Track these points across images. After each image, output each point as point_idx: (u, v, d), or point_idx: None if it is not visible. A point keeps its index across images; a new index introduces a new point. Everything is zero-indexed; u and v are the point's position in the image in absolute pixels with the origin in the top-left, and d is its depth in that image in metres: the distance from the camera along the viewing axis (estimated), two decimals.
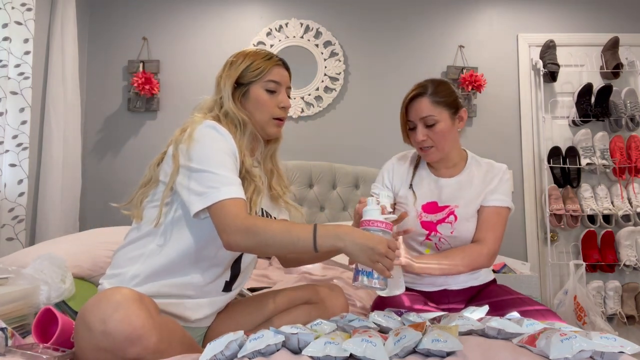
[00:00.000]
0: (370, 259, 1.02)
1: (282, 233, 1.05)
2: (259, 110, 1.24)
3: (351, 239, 1.03)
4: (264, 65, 1.24)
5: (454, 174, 1.52)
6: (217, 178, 1.07)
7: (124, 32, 3.02)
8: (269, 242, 1.05)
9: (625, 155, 2.91)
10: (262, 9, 3.07)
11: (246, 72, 1.24)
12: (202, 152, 1.10)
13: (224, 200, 1.05)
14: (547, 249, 2.95)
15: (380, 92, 3.03)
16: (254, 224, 1.04)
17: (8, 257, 1.77)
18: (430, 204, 1.49)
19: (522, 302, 1.35)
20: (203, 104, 1.27)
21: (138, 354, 0.90)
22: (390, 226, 1.11)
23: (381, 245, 1.02)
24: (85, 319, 0.91)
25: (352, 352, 0.85)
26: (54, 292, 1.34)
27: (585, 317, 2.55)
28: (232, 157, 1.13)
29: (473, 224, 1.46)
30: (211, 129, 1.13)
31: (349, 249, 1.03)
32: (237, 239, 1.04)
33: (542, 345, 0.85)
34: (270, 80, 1.25)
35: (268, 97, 1.25)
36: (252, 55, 1.26)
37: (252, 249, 1.09)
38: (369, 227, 1.09)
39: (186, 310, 1.16)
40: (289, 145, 2.99)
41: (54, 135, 2.52)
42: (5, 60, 2.13)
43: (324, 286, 1.40)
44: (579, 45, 3.04)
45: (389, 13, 3.09)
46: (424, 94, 1.43)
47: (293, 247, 1.07)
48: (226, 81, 1.23)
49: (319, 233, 1.04)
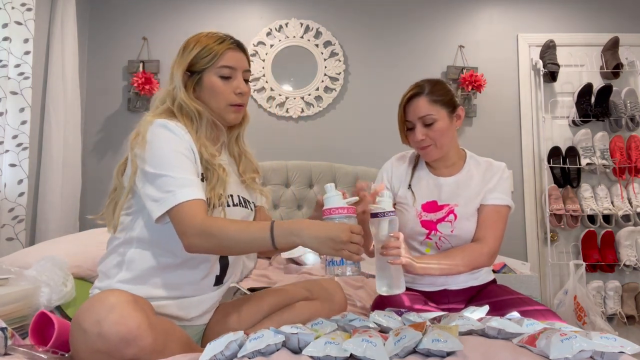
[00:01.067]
0: (333, 249, 1.00)
1: (239, 233, 1.04)
2: (215, 99, 1.19)
3: (308, 233, 1.01)
4: (216, 49, 1.18)
5: (453, 173, 1.52)
6: (172, 181, 1.05)
7: (124, 32, 3.02)
8: (228, 243, 1.04)
9: (625, 155, 2.91)
10: (262, 9, 3.07)
11: (198, 59, 1.18)
12: (155, 154, 1.07)
13: (181, 203, 1.03)
14: (547, 249, 2.95)
15: (380, 92, 3.04)
16: (211, 226, 1.03)
17: (8, 257, 1.77)
18: (429, 203, 1.49)
19: (522, 302, 1.35)
20: (157, 96, 1.23)
21: (134, 354, 0.89)
22: (352, 210, 1.09)
23: (342, 233, 1.00)
24: (80, 322, 0.90)
25: (352, 352, 0.85)
26: (55, 294, 1.34)
27: (585, 317, 2.55)
28: (188, 155, 1.10)
29: (473, 223, 1.46)
30: (162, 129, 1.10)
31: (308, 244, 1.02)
32: (196, 242, 1.04)
33: (542, 345, 0.85)
34: (224, 65, 1.18)
35: (222, 84, 1.19)
36: (204, 39, 1.19)
37: (212, 250, 1.08)
38: (332, 215, 1.07)
39: (181, 309, 1.16)
40: (289, 145, 3.00)
41: (54, 135, 2.52)
42: (5, 60, 2.13)
43: (323, 282, 1.40)
44: (579, 45, 3.04)
45: (389, 13, 3.09)
46: (421, 93, 1.44)
47: (252, 247, 1.07)
48: (177, 70, 1.18)
49: (276, 232, 1.03)
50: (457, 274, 1.42)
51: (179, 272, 1.15)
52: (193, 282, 1.17)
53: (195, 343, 1.15)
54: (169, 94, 1.19)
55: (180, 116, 1.16)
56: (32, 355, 0.97)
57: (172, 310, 1.14)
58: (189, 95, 1.18)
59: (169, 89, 1.20)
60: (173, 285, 1.14)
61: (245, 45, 1.27)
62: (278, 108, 3.01)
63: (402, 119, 1.49)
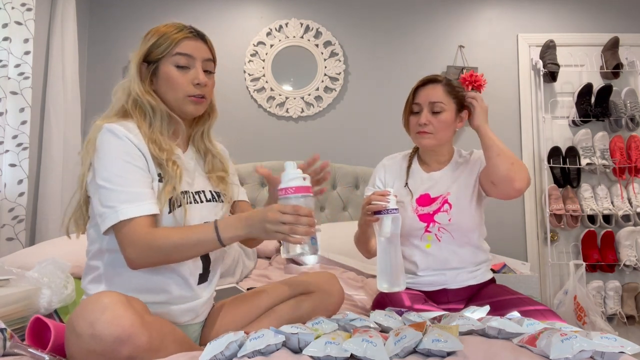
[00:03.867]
0: (266, 231, 1.00)
1: (183, 239, 1.03)
2: (171, 90, 1.14)
3: (246, 223, 1.02)
4: (172, 37, 1.13)
5: (442, 167, 1.57)
6: (114, 196, 1.02)
7: (124, 32, 3.02)
8: (173, 252, 1.03)
9: (625, 155, 2.91)
10: (262, 9, 3.07)
11: (153, 48, 1.14)
12: (101, 164, 1.05)
13: (121, 221, 1.01)
14: (547, 249, 2.95)
15: (380, 92, 3.04)
16: (152, 239, 1.01)
17: (8, 257, 1.77)
18: (422, 196, 1.52)
19: (522, 301, 1.36)
20: (114, 91, 1.19)
21: (130, 353, 0.88)
22: (304, 189, 1.04)
23: (271, 214, 0.99)
24: (74, 325, 0.89)
25: (353, 352, 0.85)
26: (56, 296, 1.34)
27: (585, 317, 2.55)
28: (137, 162, 1.07)
29: (469, 210, 1.48)
30: (109, 134, 1.06)
31: (249, 233, 1.03)
32: (139, 258, 1.03)
33: (542, 345, 0.85)
34: (179, 53, 1.13)
35: (179, 74, 1.13)
36: (163, 28, 1.16)
37: (157, 262, 1.06)
38: (287, 195, 1.03)
39: (173, 317, 1.13)
40: (289, 145, 3.00)
41: (54, 135, 2.52)
42: (5, 60, 2.13)
43: (319, 275, 1.39)
44: (579, 45, 3.04)
45: (389, 13, 3.09)
46: (439, 82, 1.49)
47: (199, 250, 1.06)
48: (133, 61, 1.14)
49: (220, 230, 1.03)
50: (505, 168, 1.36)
51: (159, 277, 1.11)
52: (178, 283, 1.14)
53: (193, 342, 1.14)
54: (124, 89, 1.16)
55: (134, 112, 1.13)
56: (33, 354, 0.97)
57: (163, 317, 1.12)
58: (144, 87, 1.14)
59: (124, 82, 1.16)
60: (157, 289, 1.11)
61: (206, 36, 1.21)
62: (278, 108, 3.01)
63: (411, 101, 1.51)
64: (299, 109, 3.01)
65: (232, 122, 2.93)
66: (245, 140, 2.97)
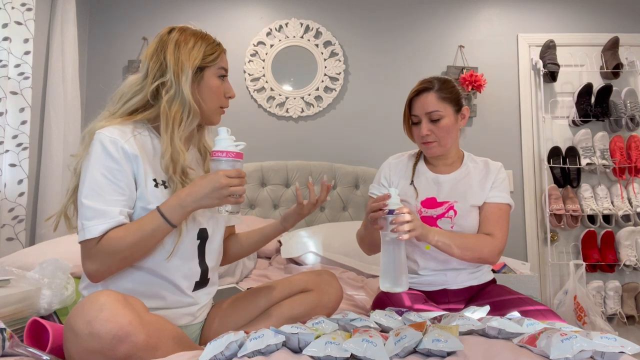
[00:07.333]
0: (218, 198, 1.03)
1: (134, 233, 1.03)
2: (210, 99, 1.17)
3: (192, 198, 1.03)
4: (217, 49, 1.17)
5: (452, 171, 1.54)
6: (86, 212, 1.03)
7: (124, 32, 3.02)
8: (128, 250, 1.03)
9: (625, 155, 2.91)
10: (262, 9, 3.07)
11: (205, 55, 1.14)
12: (85, 174, 1.05)
13: (86, 240, 1.03)
14: (547, 249, 2.95)
15: (380, 92, 3.04)
16: (108, 245, 1.01)
17: (8, 257, 1.77)
18: (429, 199, 1.51)
19: (522, 302, 1.36)
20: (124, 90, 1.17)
21: (128, 351, 0.88)
22: (240, 155, 1.10)
23: (220, 179, 1.02)
24: (72, 324, 0.89)
25: (353, 352, 0.85)
26: (56, 297, 1.34)
27: (585, 317, 2.55)
28: (115, 177, 1.05)
29: (473, 220, 1.47)
30: (97, 145, 1.06)
31: (197, 205, 1.04)
32: (99, 269, 1.03)
33: (542, 345, 0.85)
34: (222, 67, 1.18)
35: (221, 85, 1.18)
36: (201, 37, 1.16)
37: (117, 266, 1.05)
38: (219, 157, 1.08)
39: (171, 320, 1.12)
40: (289, 145, 3.00)
41: (54, 135, 2.52)
42: (5, 60, 2.13)
43: (318, 273, 1.39)
44: (579, 45, 3.04)
45: (389, 13, 3.09)
46: (431, 89, 1.46)
47: (154, 239, 1.05)
48: (185, 63, 1.11)
49: (165, 213, 1.03)
50: (461, 258, 1.40)
51: (151, 284, 1.12)
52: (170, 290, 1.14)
53: (192, 341, 1.14)
54: (148, 90, 1.12)
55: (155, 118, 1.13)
56: (33, 354, 0.97)
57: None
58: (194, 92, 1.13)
59: (137, 81, 1.15)
60: (152, 294, 1.12)
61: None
62: (278, 108, 3.01)
63: (408, 113, 1.50)
64: (299, 109, 3.01)
65: (232, 122, 2.92)
66: (245, 140, 2.95)
